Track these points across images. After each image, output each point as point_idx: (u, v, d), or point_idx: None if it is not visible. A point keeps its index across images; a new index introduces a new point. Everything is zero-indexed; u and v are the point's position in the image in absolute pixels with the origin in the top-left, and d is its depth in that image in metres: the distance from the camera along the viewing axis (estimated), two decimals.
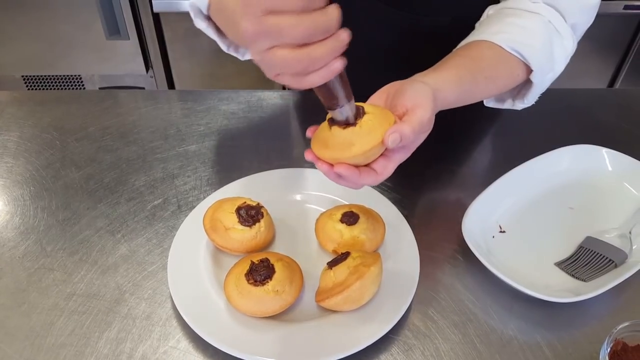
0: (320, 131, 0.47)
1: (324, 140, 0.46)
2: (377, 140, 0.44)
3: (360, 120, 0.44)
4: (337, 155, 0.45)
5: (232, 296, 0.54)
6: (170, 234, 0.65)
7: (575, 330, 0.57)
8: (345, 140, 0.44)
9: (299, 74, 0.37)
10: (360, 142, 0.44)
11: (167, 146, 0.79)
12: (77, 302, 0.58)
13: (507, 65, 0.60)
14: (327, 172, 0.46)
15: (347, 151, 0.44)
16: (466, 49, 0.60)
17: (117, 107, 0.87)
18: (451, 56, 0.58)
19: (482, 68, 0.58)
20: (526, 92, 0.65)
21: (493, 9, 0.67)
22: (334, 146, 0.45)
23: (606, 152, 0.72)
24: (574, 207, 0.69)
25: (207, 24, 0.67)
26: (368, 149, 0.44)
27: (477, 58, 0.58)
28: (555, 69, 0.63)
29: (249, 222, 0.60)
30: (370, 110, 0.46)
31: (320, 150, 0.46)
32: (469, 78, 0.56)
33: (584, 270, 0.60)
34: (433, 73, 0.54)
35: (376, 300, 0.55)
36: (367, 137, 0.44)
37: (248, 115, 0.86)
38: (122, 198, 0.71)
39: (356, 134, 0.44)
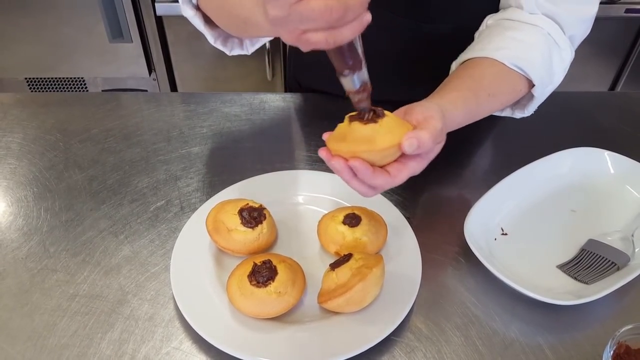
0: (338, 129, 0.49)
1: (341, 135, 0.47)
2: (397, 139, 0.45)
3: (381, 120, 0.46)
4: (354, 148, 0.45)
5: (234, 297, 0.54)
6: (173, 236, 0.65)
7: (577, 332, 0.57)
8: (364, 135, 0.45)
9: (331, 26, 0.37)
10: (380, 139, 0.45)
11: (170, 148, 0.80)
12: (79, 303, 0.58)
13: (509, 82, 0.61)
14: (340, 169, 0.46)
15: (366, 145, 0.45)
16: (467, 67, 0.61)
17: (120, 110, 0.88)
18: (453, 78, 0.60)
19: (484, 87, 0.59)
20: (526, 103, 0.66)
21: (492, 19, 0.67)
22: (352, 140, 0.46)
23: (608, 154, 0.72)
24: (576, 210, 0.69)
25: (195, 13, 0.65)
26: (387, 146, 0.45)
27: (478, 77, 0.59)
28: (554, 80, 0.64)
29: (251, 223, 0.60)
30: (390, 114, 0.47)
31: (336, 144, 0.47)
32: (473, 98, 0.57)
33: (586, 272, 0.60)
34: (437, 97, 0.55)
35: (378, 302, 0.55)
36: (387, 135, 0.45)
37: (250, 118, 0.86)
38: (125, 199, 0.71)
39: (376, 131, 0.45)
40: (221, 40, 0.69)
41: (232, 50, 0.71)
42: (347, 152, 0.46)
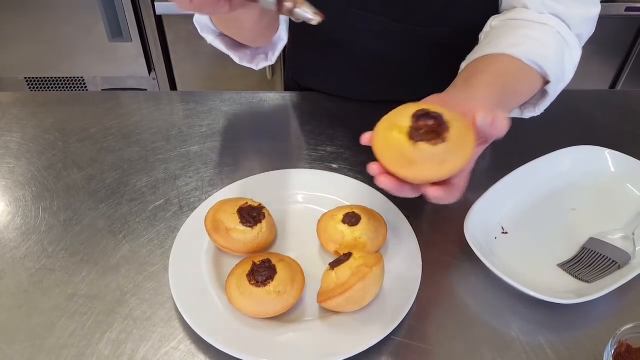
0: (391, 143, 0.43)
1: (403, 156, 0.42)
2: (469, 155, 0.42)
3: (448, 134, 0.41)
4: (427, 175, 0.41)
5: (233, 297, 0.53)
6: (172, 235, 0.65)
7: (578, 331, 0.56)
8: (435, 157, 0.41)
9: None
10: (452, 159, 0.41)
11: (169, 147, 0.79)
12: (78, 303, 0.58)
13: (528, 79, 0.60)
14: (395, 189, 0.43)
15: (439, 169, 0.41)
16: (486, 63, 0.59)
17: (119, 109, 0.87)
18: (475, 73, 0.57)
19: (508, 84, 0.57)
20: (537, 101, 0.65)
21: (497, 20, 0.67)
22: (422, 164, 0.41)
23: (609, 153, 0.72)
24: (577, 209, 0.68)
25: (215, 37, 0.70)
26: (460, 166, 0.42)
27: (501, 73, 0.58)
28: (566, 78, 0.64)
29: (250, 222, 0.59)
30: (448, 117, 0.43)
31: (401, 167, 0.42)
32: (500, 95, 0.55)
33: (587, 271, 0.60)
34: (466, 91, 0.52)
35: (378, 302, 0.55)
36: (459, 153, 0.42)
37: (250, 117, 0.86)
38: (123, 199, 0.71)
39: (447, 150, 0.41)
40: (247, 59, 0.74)
41: (259, 65, 0.75)
42: (415, 178, 0.42)
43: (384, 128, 0.44)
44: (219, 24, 0.68)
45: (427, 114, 0.42)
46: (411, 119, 0.42)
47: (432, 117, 0.42)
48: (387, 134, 0.43)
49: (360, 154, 0.77)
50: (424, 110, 0.43)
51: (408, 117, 0.43)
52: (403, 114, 0.44)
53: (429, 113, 0.42)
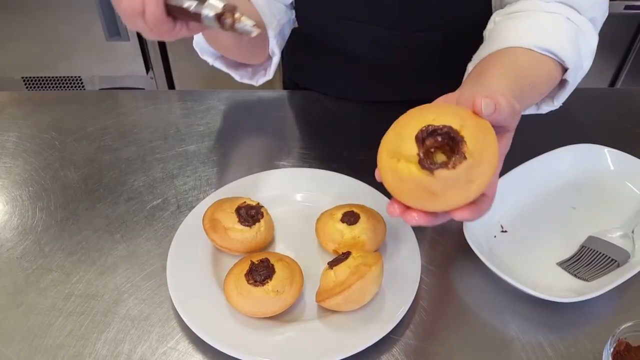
0: (404, 179, 0.37)
1: (423, 190, 0.36)
2: (495, 160, 0.37)
3: (466, 147, 0.36)
4: (456, 203, 0.36)
5: (231, 296, 0.53)
6: (170, 235, 0.64)
7: (577, 330, 0.56)
8: (460, 180, 0.36)
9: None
10: (479, 174, 0.36)
11: (166, 146, 0.79)
12: (75, 303, 0.58)
13: (545, 69, 0.56)
14: (429, 223, 0.39)
15: (468, 192, 0.36)
16: (497, 58, 0.55)
17: (116, 108, 0.87)
18: (489, 67, 0.53)
19: (524, 76, 0.53)
20: (554, 93, 0.62)
21: (501, 15, 0.64)
22: (448, 193, 0.36)
23: (608, 151, 0.72)
24: (576, 207, 0.68)
25: (215, 58, 0.72)
26: (490, 177, 0.36)
27: (516, 66, 0.54)
28: (584, 65, 0.60)
29: (248, 222, 0.59)
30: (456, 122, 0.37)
31: (424, 203, 0.37)
32: (518, 88, 0.51)
33: (586, 270, 0.60)
34: (482, 84, 0.48)
35: (377, 301, 0.55)
36: (484, 163, 0.36)
37: (248, 115, 0.85)
38: (121, 198, 0.70)
39: (470, 166, 0.36)
40: (248, 76, 0.75)
41: (258, 81, 0.76)
42: (443, 208, 0.37)
43: (388, 158, 0.38)
44: (213, 46, 0.69)
45: (433, 131, 0.37)
46: (416, 144, 0.37)
47: (439, 132, 0.36)
48: (395, 168, 0.37)
49: (359, 152, 0.76)
50: (427, 128, 0.37)
51: (412, 141, 0.37)
52: (404, 136, 0.37)
53: (435, 129, 0.37)
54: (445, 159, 0.37)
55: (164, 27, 0.52)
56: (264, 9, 0.68)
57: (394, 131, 0.39)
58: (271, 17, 0.69)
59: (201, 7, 0.49)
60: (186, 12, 0.49)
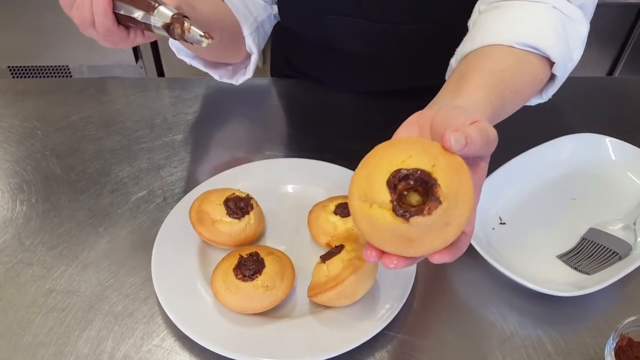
0: (378, 226, 0.36)
1: (398, 237, 0.36)
2: (471, 199, 0.36)
3: (440, 191, 0.35)
4: (434, 247, 0.36)
5: (219, 292, 0.51)
6: (155, 227, 0.62)
7: (577, 324, 0.54)
8: (435, 224, 0.35)
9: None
10: (455, 216, 0.35)
11: (152, 136, 0.76)
12: (56, 299, 0.55)
13: (529, 70, 0.54)
14: (407, 266, 0.38)
15: (445, 235, 0.35)
16: (480, 59, 0.52)
17: (100, 96, 0.84)
18: (469, 72, 0.50)
19: (506, 81, 0.51)
20: (545, 87, 0.59)
21: (485, 4, 0.60)
22: (424, 238, 0.35)
23: (609, 141, 0.70)
24: (577, 198, 0.66)
25: (192, 58, 0.70)
26: (467, 218, 0.35)
27: (497, 70, 0.51)
28: (574, 57, 0.58)
29: (237, 214, 0.57)
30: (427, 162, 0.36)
31: (401, 249, 0.36)
32: (498, 98, 0.48)
33: (587, 263, 0.58)
34: (460, 97, 0.46)
35: (371, 295, 0.53)
36: (460, 203, 0.35)
37: (238, 104, 0.83)
38: (104, 190, 0.68)
39: (446, 209, 0.35)
40: (228, 75, 0.72)
41: (238, 80, 0.73)
42: (422, 255, 0.37)
43: (360, 202, 0.37)
44: (186, 46, 0.66)
45: (404, 177, 0.36)
46: (388, 190, 0.36)
47: (411, 177, 0.35)
48: (368, 213, 0.36)
49: (353, 142, 0.74)
50: (399, 174, 0.35)
51: (383, 187, 0.36)
52: (375, 180, 0.36)
53: (407, 175, 0.35)
54: (420, 199, 0.36)
55: (116, 36, 0.51)
56: (237, 6, 0.66)
57: (363, 172, 0.38)
58: (246, 14, 0.67)
59: (150, 16, 0.48)
60: (136, 22, 0.49)
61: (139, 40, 0.54)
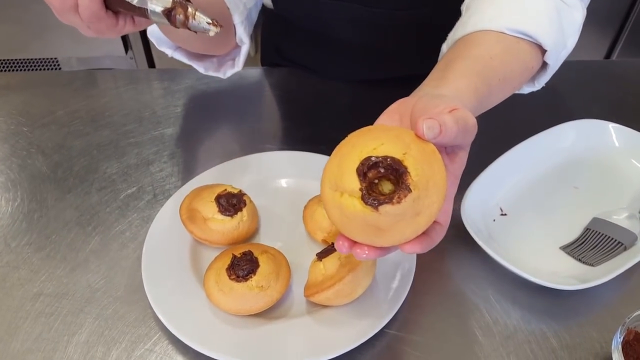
0: (348, 214, 0.35)
1: (369, 226, 0.35)
2: (443, 187, 0.35)
3: (410, 179, 0.34)
4: (405, 237, 0.35)
5: (212, 293, 0.49)
6: (146, 226, 0.60)
7: (582, 318, 0.53)
8: (405, 214, 0.34)
9: None
10: (427, 205, 0.34)
11: (141, 130, 0.74)
12: (44, 303, 0.53)
13: (519, 58, 0.52)
14: (380, 256, 0.37)
15: (416, 225, 0.34)
16: (469, 46, 0.50)
17: (86, 89, 0.81)
18: (455, 59, 0.48)
19: (494, 69, 0.49)
20: (537, 75, 0.58)
21: None
22: (395, 228, 0.34)
23: (613, 127, 0.68)
24: (579, 187, 0.64)
25: (174, 50, 0.65)
26: (438, 207, 0.35)
27: (485, 58, 0.49)
28: (568, 44, 0.56)
29: (230, 211, 0.55)
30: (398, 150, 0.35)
31: (371, 238, 0.35)
32: (484, 86, 0.47)
33: (591, 254, 0.56)
34: (445, 85, 0.45)
35: (370, 293, 0.51)
36: (431, 192, 0.34)
37: (229, 95, 0.80)
38: (92, 187, 0.66)
39: (416, 197, 0.34)
40: (214, 68, 0.68)
41: (226, 73, 0.69)
42: (393, 244, 0.36)
43: (331, 191, 0.36)
44: (169, 37, 0.62)
45: (374, 164, 0.35)
46: (358, 178, 0.35)
47: (381, 164, 0.34)
48: (339, 202, 0.35)
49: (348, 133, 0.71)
50: (368, 161, 0.35)
51: (353, 175, 0.35)
52: (345, 168, 0.35)
53: (376, 163, 0.34)
54: (392, 188, 0.35)
55: (103, 23, 0.45)
56: None
57: (335, 160, 0.37)
58: (237, 0, 0.64)
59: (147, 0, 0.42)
60: (129, 6, 0.43)
61: (128, 29, 0.48)
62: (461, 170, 0.40)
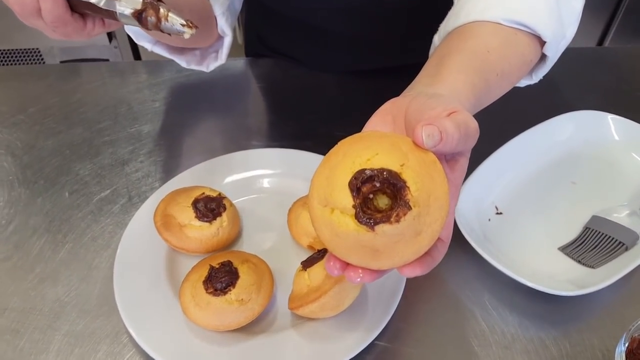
0: (340, 234, 0.31)
1: (363, 248, 0.31)
2: (446, 208, 0.31)
3: (410, 195, 0.30)
4: (404, 259, 0.31)
5: (188, 308, 0.45)
6: (120, 232, 0.56)
7: (582, 324, 0.50)
8: (404, 234, 0.30)
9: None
10: (428, 226, 0.31)
11: (117, 127, 0.70)
12: (9, 319, 0.50)
13: (517, 51, 0.48)
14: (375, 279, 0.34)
15: (416, 245, 0.31)
16: (465, 38, 0.47)
17: (61, 84, 0.77)
18: (450, 53, 0.45)
19: (491, 64, 0.45)
20: (535, 67, 0.54)
21: None
22: (392, 249, 0.31)
23: (612, 118, 0.65)
24: (577, 182, 0.61)
25: (153, 43, 0.62)
26: (441, 225, 0.31)
27: (481, 52, 0.46)
28: (567, 34, 0.52)
29: (208, 216, 0.51)
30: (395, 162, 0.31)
31: (367, 261, 0.32)
32: (482, 82, 0.43)
33: (591, 255, 0.54)
34: (440, 83, 0.41)
35: (359, 303, 0.48)
36: (432, 213, 0.31)
37: (211, 88, 0.76)
38: (64, 190, 0.62)
39: (417, 215, 0.30)
40: (196, 61, 0.65)
41: (209, 66, 0.65)
42: (391, 267, 0.32)
43: (320, 206, 0.32)
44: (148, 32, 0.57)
45: (368, 178, 0.31)
46: (350, 194, 0.31)
47: (376, 178, 0.31)
48: (329, 219, 0.32)
49: (338, 128, 0.67)
50: (362, 175, 0.31)
51: (345, 190, 0.31)
52: (336, 182, 0.32)
53: (371, 176, 0.31)
54: (389, 203, 0.32)
55: (70, 27, 0.42)
56: None
57: (324, 172, 0.33)
58: None
59: (114, 1, 0.39)
60: (96, 9, 0.40)
61: (97, 31, 0.45)
62: (462, 179, 0.36)
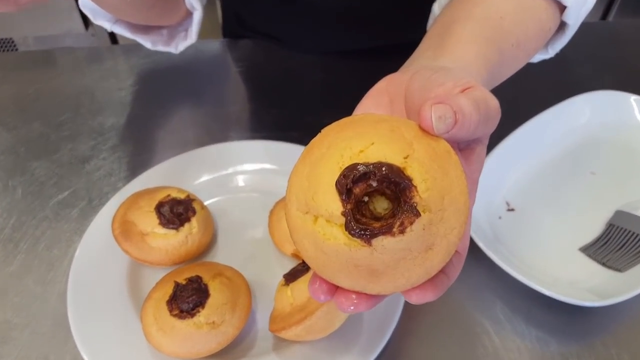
0: (327, 251, 0.24)
1: (356, 265, 0.24)
2: (465, 211, 0.24)
3: (418, 196, 0.23)
4: (410, 281, 0.24)
5: (150, 333, 0.39)
6: (78, 240, 0.49)
7: (608, 335, 0.44)
8: (411, 249, 0.23)
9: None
10: (442, 238, 0.23)
11: (78, 120, 0.62)
12: None
13: (534, 17, 0.42)
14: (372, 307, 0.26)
15: (426, 264, 0.24)
16: (470, 3, 0.40)
17: (15, 74, 0.69)
18: (456, 21, 0.38)
19: (505, 32, 0.39)
20: (554, 38, 0.47)
21: None
22: (394, 269, 0.24)
23: (635, 100, 0.58)
24: (597, 173, 0.55)
25: (113, 22, 0.54)
26: (458, 237, 0.24)
27: (493, 18, 0.39)
28: (589, 0, 0.45)
29: (174, 223, 0.44)
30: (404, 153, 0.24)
31: (363, 283, 0.24)
32: (495, 54, 0.37)
33: (617, 256, 0.47)
34: (447, 54, 0.34)
35: (352, 322, 0.41)
36: (447, 219, 0.23)
37: (183, 74, 0.69)
38: (16, 193, 0.55)
39: (427, 225, 0.23)
40: (163, 41, 0.59)
41: (178, 47, 0.59)
42: (393, 291, 0.25)
43: (300, 213, 0.25)
44: (103, 6, 0.50)
45: (362, 175, 0.23)
46: (338, 197, 0.23)
47: (372, 176, 0.23)
48: (311, 231, 0.24)
49: (326, 116, 0.60)
50: (352, 172, 0.23)
51: (330, 191, 0.24)
52: (320, 181, 0.24)
53: (366, 173, 0.23)
54: (389, 207, 0.24)
55: None
56: None
57: (303, 168, 0.25)
58: None
59: None
60: None
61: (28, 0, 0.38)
62: (479, 173, 0.29)
